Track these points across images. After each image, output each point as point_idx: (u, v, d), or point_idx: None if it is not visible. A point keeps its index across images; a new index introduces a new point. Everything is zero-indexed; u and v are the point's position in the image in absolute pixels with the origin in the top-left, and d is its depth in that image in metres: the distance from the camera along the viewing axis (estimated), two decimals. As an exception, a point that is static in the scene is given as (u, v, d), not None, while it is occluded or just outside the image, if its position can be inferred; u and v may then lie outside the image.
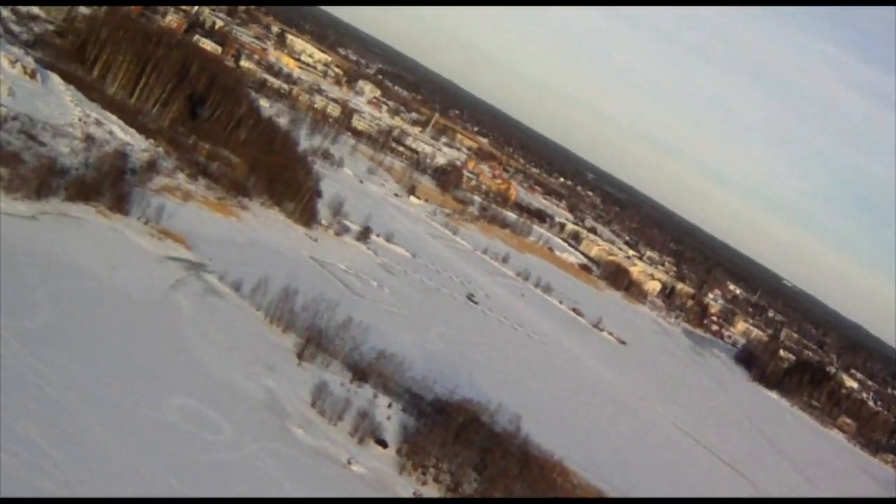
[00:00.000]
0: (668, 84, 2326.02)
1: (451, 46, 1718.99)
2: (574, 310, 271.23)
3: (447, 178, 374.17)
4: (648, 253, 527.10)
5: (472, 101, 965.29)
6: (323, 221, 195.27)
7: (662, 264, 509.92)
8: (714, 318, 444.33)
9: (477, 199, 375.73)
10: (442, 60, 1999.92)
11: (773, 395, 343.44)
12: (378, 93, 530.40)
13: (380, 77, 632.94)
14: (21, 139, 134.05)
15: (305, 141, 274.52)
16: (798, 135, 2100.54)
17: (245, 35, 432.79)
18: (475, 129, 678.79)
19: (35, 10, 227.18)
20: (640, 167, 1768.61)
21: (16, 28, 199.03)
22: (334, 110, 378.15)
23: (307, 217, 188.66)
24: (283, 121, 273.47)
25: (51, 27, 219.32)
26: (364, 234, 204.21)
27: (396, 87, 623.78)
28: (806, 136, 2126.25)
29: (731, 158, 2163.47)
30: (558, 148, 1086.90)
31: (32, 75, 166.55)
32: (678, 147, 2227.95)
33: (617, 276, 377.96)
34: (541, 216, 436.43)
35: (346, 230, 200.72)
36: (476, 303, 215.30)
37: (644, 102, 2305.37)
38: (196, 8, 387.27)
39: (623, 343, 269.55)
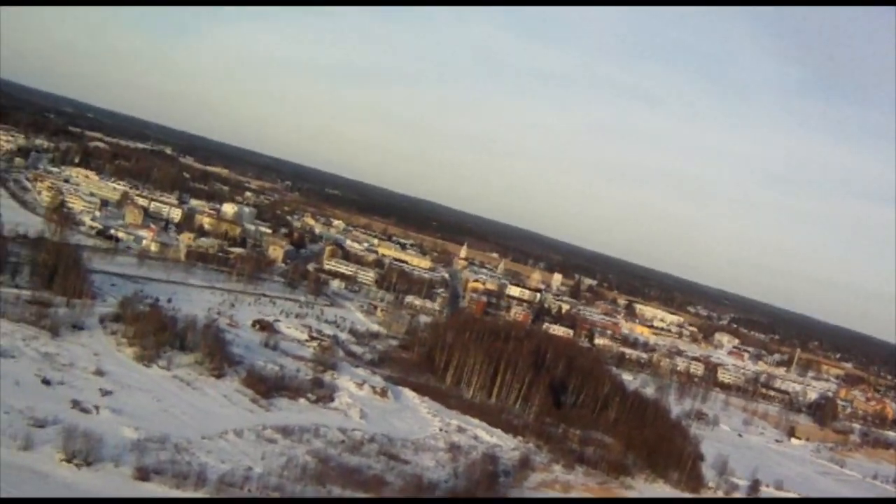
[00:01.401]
0: None
1: (800, 282, 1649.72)
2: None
3: (822, 411, 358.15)
4: None
5: (827, 329, 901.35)
6: (710, 484, 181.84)
7: None
8: None
9: (856, 426, 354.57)
10: (790, 296, 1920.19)
11: None
12: (736, 342, 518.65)
13: (734, 326, 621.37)
14: (382, 461, 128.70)
15: (676, 406, 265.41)
16: None
17: (593, 313, 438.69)
18: (837, 355, 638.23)
19: (375, 327, 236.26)
20: None
21: (357, 349, 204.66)
22: (697, 369, 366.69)
23: (694, 483, 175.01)
24: (649, 390, 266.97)
25: (394, 342, 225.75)
26: (753, 488, 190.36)
27: (753, 332, 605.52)
28: None
29: None
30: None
31: (383, 394, 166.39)
32: None
33: None
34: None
35: (734, 488, 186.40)
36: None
37: None
38: (538, 296, 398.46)
39: None
